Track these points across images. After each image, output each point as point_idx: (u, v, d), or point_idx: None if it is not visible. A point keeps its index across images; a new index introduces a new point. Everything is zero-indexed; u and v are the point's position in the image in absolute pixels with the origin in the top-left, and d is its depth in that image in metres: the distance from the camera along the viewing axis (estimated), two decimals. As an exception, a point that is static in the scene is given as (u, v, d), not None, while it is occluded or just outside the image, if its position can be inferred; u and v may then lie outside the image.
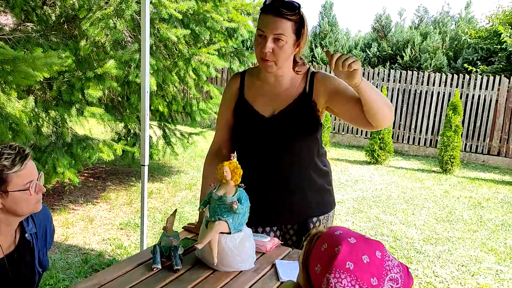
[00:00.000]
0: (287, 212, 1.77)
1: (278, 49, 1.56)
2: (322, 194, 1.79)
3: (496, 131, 8.13)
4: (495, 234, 4.48)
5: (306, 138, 1.71)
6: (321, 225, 1.80)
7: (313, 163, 1.75)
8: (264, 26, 1.56)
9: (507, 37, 8.33)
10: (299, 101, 1.68)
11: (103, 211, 4.52)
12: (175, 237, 1.57)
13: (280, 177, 1.72)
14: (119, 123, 5.23)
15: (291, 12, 1.54)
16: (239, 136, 1.79)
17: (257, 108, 1.72)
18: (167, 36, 3.80)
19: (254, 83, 1.76)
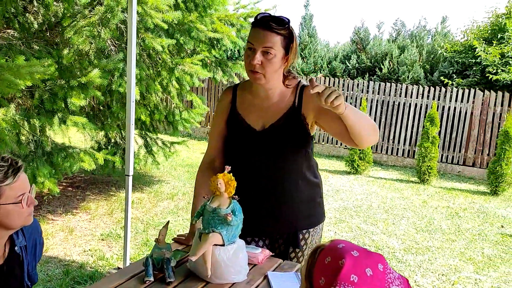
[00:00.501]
0: (278, 224, 1.78)
1: (267, 61, 1.59)
2: (312, 206, 1.81)
3: (471, 143, 8.35)
4: (473, 243, 4.58)
5: (296, 151, 1.74)
6: (310, 237, 1.82)
7: (304, 175, 1.77)
8: (253, 39, 1.60)
9: (481, 51, 8.59)
10: (289, 114, 1.70)
11: (83, 222, 4.44)
12: (168, 249, 1.56)
13: (271, 189, 1.74)
14: (100, 132, 5.17)
15: (281, 26, 1.58)
16: (231, 149, 1.80)
17: (248, 121, 1.74)
18: (152, 46, 3.80)
19: (245, 96, 1.79)
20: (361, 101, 8.70)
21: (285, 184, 1.74)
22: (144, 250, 3.82)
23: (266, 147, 1.71)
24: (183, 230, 4.32)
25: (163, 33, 4.16)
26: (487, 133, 8.18)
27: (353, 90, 9.32)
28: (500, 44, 8.68)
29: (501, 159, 6.72)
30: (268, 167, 1.72)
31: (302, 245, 1.80)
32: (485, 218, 5.54)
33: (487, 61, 8.44)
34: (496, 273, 3.86)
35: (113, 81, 3.78)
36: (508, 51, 8.36)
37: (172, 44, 4.21)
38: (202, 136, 10.70)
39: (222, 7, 5.16)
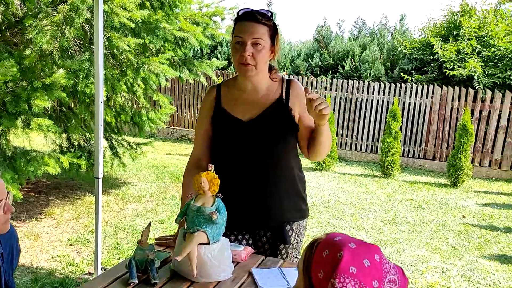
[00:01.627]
0: (262, 216, 1.79)
1: (257, 52, 1.63)
2: (297, 201, 1.83)
3: (431, 137, 8.64)
4: (437, 234, 4.75)
5: (284, 142, 1.76)
6: (294, 234, 1.83)
7: (290, 168, 1.80)
8: (242, 32, 1.63)
9: (438, 48, 8.89)
10: (277, 106, 1.73)
11: (49, 227, 4.29)
12: (151, 250, 1.53)
13: (259, 181, 1.75)
14: (63, 135, 5.01)
15: (266, 18, 1.64)
16: (218, 143, 1.80)
17: (234, 114, 1.75)
18: (118, 45, 3.71)
19: (231, 92, 1.79)
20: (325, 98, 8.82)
21: (272, 175, 1.75)
22: (114, 254, 3.74)
23: (253, 137, 1.72)
24: (153, 232, 4.26)
25: (129, 32, 4.08)
26: (446, 127, 8.49)
27: (317, 88, 9.46)
28: (456, 41, 9.02)
29: (459, 152, 6.99)
30: (256, 158, 1.73)
31: (287, 240, 1.81)
32: (447, 209, 5.75)
33: (444, 57, 8.76)
34: (461, 261, 4.02)
35: (78, 82, 3.67)
36: (464, 48, 8.70)
37: (140, 43, 4.13)
38: (166, 137, 10.57)
39: (187, 6, 5.11)
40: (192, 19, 5.10)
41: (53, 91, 3.25)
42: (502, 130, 8.08)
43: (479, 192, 6.90)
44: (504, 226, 5.16)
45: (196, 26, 5.07)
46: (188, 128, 10.46)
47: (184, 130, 10.48)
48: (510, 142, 8.05)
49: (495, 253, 4.28)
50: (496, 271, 3.83)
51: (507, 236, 4.78)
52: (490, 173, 8.18)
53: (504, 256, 4.21)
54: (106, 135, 5.28)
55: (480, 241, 4.58)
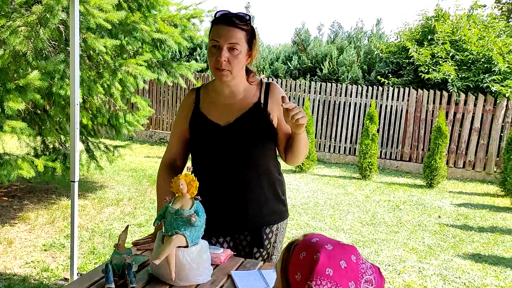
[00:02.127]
0: (241, 221, 1.77)
1: (233, 58, 1.60)
2: (276, 203, 1.82)
3: (407, 139, 8.79)
4: (414, 234, 4.82)
5: (262, 146, 1.75)
6: (274, 236, 1.83)
7: (269, 171, 1.79)
8: (218, 36, 1.59)
9: (413, 52, 9.06)
10: (255, 110, 1.72)
11: (23, 232, 4.19)
12: (128, 254, 1.51)
13: (237, 185, 1.74)
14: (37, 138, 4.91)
15: (243, 22, 1.60)
16: (196, 147, 1.79)
17: (212, 118, 1.73)
18: (94, 46, 3.66)
19: (209, 96, 1.78)
20: (304, 101, 8.90)
21: (250, 179, 1.74)
22: (91, 259, 3.67)
23: (231, 141, 1.70)
24: (131, 236, 4.20)
25: (105, 34, 4.03)
26: (422, 129, 8.65)
27: (296, 90, 9.51)
28: (430, 45, 9.20)
29: (435, 154, 7.13)
30: (233, 162, 1.72)
31: (266, 244, 1.81)
32: (423, 210, 5.85)
33: (419, 61, 8.92)
34: (437, 261, 4.09)
35: (53, 84, 3.60)
36: (438, 52, 8.88)
37: (115, 45, 4.08)
38: (145, 139, 10.47)
39: (165, 8, 5.08)
40: (170, 21, 5.06)
41: (27, 93, 3.18)
42: (475, 132, 8.28)
43: (453, 192, 7.05)
44: (478, 225, 5.28)
45: (174, 28, 5.04)
46: (167, 130, 10.38)
47: (163, 133, 10.40)
48: (483, 144, 8.25)
49: (469, 252, 4.38)
50: (471, 269, 3.92)
51: (481, 236, 4.89)
52: (464, 174, 8.37)
53: (478, 255, 4.31)
54: (83, 138, 5.20)
55: (455, 241, 4.68)
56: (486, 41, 8.79)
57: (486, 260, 4.18)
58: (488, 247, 4.55)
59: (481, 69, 8.59)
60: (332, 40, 11.32)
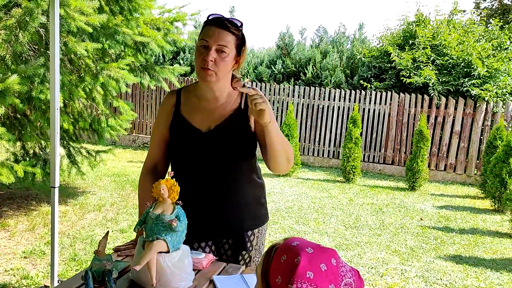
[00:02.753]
0: (222, 226, 1.77)
1: (220, 60, 1.60)
2: (257, 208, 1.83)
3: (390, 142, 8.88)
4: (397, 236, 4.87)
5: (242, 153, 1.74)
6: (256, 239, 1.83)
7: (249, 177, 1.79)
8: (208, 36, 1.59)
9: (395, 56, 9.18)
10: (235, 116, 1.71)
11: (2, 240, 4.11)
12: (108, 261, 1.49)
13: (216, 191, 1.73)
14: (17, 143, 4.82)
15: (235, 27, 1.62)
16: (176, 152, 1.77)
17: (193, 123, 1.72)
18: (75, 50, 3.62)
19: (190, 99, 1.76)
20: (288, 105, 8.94)
21: (231, 185, 1.74)
22: (72, 266, 3.62)
23: (211, 148, 1.69)
24: (113, 242, 4.15)
25: (86, 37, 3.99)
26: (404, 133, 8.75)
27: (280, 94, 9.54)
28: (411, 50, 9.34)
29: (417, 157, 7.22)
30: (214, 168, 1.71)
31: (249, 247, 1.81)
32: (406, 212, 5.91)
33: (401, 65, 9.04)
34: (419, 263, 4.13)
35: (33, 88, 3.55)
36: (419, 56, 9.02)
37: (97, 48, 4.04)
38: (128, 144, 10.38)
39: (148, 11, 5.05)
40: (153, 24, 5.04)
41: (6, 97, 3.12)
42: (456, 135, 8.41)
43: (435, 195, 7.14)
44: (459, 227, 5.36)
45: (157, 32, 5.02)
46: (150, 135, 10.30)
47: (146, 137, 10.32)
48: (464, 146, 8.39)
49: (451, 254, 4.43)
50: (452, 271, 3.97)
51: (462, 237, 4.96)
52: (446, 176, 8.49)
53: (460, 256, 4.37)
54: (64, 143, 5.13)
55: (436, 243, 4.73)
56: (466, 45, 8.96)
57: (466, 261, 4.24)
58: (468, 248, 4.62)
59: (461, 73, 8.74)
60: (317, 45, 11.39)
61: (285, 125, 7.89)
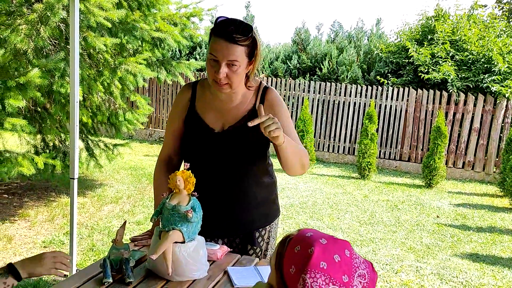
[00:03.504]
0: (233, 225, 1.79)
1: (232, 73, 1.55)
2: (267, 206, 1.83)
3: (407, 139, 8.80)
4: (412, 233, 4.84)
5: (254, 154, 1.74)
6: (267, 233, 1.85)
7: (260, 178, 1.78)
8: (216, 52, 1.53)
9: (413, 52, 9.07)
10: (249, 117, 1.65)
11: (23, 229, 4.21)
12: (126, 249, 1.53)
13: (227, 191, 1.73)
14: (37, 136, 4.93)
15: (244, 37, 1.52)
16: (188, 148, 1.79)
17: (207, 121, 1.71)
18: (95, 45, 3.68)
19: (205, 95, 1.75)
20: (303, 101, 8.92)
21: (242, 186, 1.74)
22: (90, 256, 3.69)
23: (224, 148, 1.69)
24: (130, 233, 4.22)
25: (105, 32, 4.04)
26: (421, 130, 8.66)
27: (295, 90, 9.53)
28: (430, 45, 9.22)
29: (434, 154, 7.14)
30: (225, 169, 1.72)
31: (260, 242, 1.83)
32: (422, 210, 5.87)
33: (419, 61, 8.94)
34: (435, 260, 4.10)
35: (53, 82, 3.62)
36: (438, 52, 8.90)
37: (115, 43, 4.10)
38: (144, 138, 10.49)
39: (165, 7, 5.09)
40: (170, 19, 5.08)
41: (27, 91, 3.19)
42: (475, 132, 8.30)
43: (452, 192, 7.06)
44: (476, 226, 5.30)
45: (174, 27, 5.06)
46: (166, 128, 10.38)
47: (162, 132, 10.41)
48: (483, 144, 8.26)
49: (467, 252, 4.39)
50: (468, 269, 3.93)
51: (479, 236, 4.91)
52: (463, 174, 8.38)
53: (476, 254, 4.33)
54: (82, 136, 5.22)
55: (453, 241, 4.69)
56: (486, 41, 8.80)
57: (484, 260, 4.20)
58: (486, 247, 4.57)
59: (481, 69, 8.60)
60: (332, 40, 11.32)
61: (300, 120, 7.88)
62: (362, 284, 0.91)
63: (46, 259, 1.38)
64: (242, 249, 1.84)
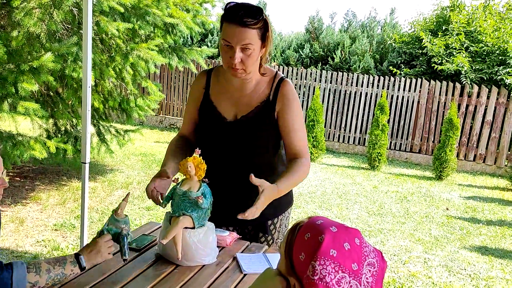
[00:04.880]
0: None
1: (247, 57, 1.55)
2: (281, 197, 1.83)
3: (418, 130, 8.73)
4: (421, 225, 4.82)
5: (266, 143, 1.74)
6: (279, 221, 1.86)
7: (273, 167, 1.78)
8: (229, 37, 1.53)
9: (427, 42, 8.95)
10: (262, 108, 1.68)
11: (34, 212, 4.27)
12: (126, 224, 1.48)
13: (240, 180, 1.70)
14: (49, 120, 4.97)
15: (256, 20, 1.52)
16: (201, 135, 1.80)
17: (220, 110, 1.72)
18: (107, 30, 3.68)
19: (219, 83, 1.75)
20: (314, 90, 8.87)
21: (255, 175, 1.71)
22: (100, 240, 3.73)
23: (236, 138, 1.70)
24: (140, 219, 4.27)
25: (118, 17, 4.04)
26: (433, 121, 8.58)
27: (306, 79, 9.47)
28: (444, 36, 9.08)
29: (445, 146, 7.08)
30: (238, 158, 1.72)
31: (272, 230, 1.83)
32: (431, 201, 5.84)
33: (433, 52, 8.82)
34: (443, 252, 4.09)
35: (66, 66, 3.64)
36: (452, 43, 8.77)
37: (127, 28, 4.09)
38: (155, 125, 10.53)
39: (178, -8, 5.06)
40: (182, 5, 5.05)
41: (40, 75, 3.21)
42: (487, 125, 8.20)
43: (463, 185, 7.02)
44: (486, 219, 5.27)
45: (186, 13, 5.03)
46: (177, 116, 10.41)
47: (173, 119, 10.44)
48: (495, 137, 8.17)
49: (476, 244, 4.37)
50: (477, 262, 3.92)
51: (488, 229, 4.88)
52: (475, 167, 8.31)
53: (485, 247, 4.31)
54: (94, 121, 5.24)
55: (462, 233, 4.67)
56: (502, 32, 8.65)
57: (492, 253, 4.18)
58: (495, 240, 4.55)
59: (495, 61, 8.46)
60: (345, 29, 11.21)
61: (311, 110, 7.84)
62: (371, 273, 0.91)
63: (102, 247, 1.41)
64: (254, 236, 1.84)
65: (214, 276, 1.48)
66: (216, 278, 1.47)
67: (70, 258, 1.35)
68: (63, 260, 1.33)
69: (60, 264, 1.31)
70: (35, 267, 1.26)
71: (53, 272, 1.28)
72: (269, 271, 1.01)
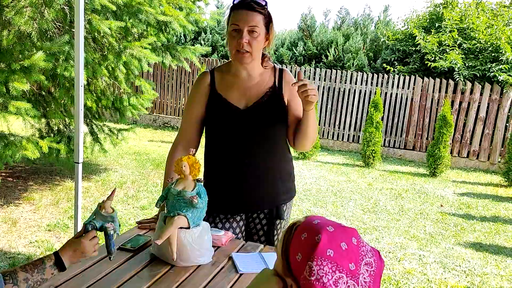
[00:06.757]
0: (258, 200, 1.83)
1: (253, 40, 1.68)
2: (289, 181, 1.91)
3: (412, 127, 8.76)
4: (415, 222, 4.84)
5: (278, 129, 1.81)
6: (287, 209, 1.89)
7: (284, 152, 1.86)
8: (238, 20, 1.67)
9: (420, 39, 8.97)
10: (271, 94, 1.78)
11: (27, 213, 4.24)
12: (112, 221, 1.37)
13: (253, 166, 1.79)
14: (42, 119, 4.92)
15: (261, 6, 1.69)
16: (213, 129, 1.82)
17: (231, 100, 1.77)
18: (99, 28, 3.64)
19: (225, 77, 1.82)
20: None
21: (269, 161, 1.81)
22: (94, 240, 3.71)
23: (250, 125, 1.76)
24: (134, 218, 4.24)
25: (110, 15, 4.00)
26: (426, 118, 8.61)
27: (301, 76, 9.45)
28: (438, 33, 9.11)
29: (439, 143, 7.11)
30: (253, 145, 1.77)
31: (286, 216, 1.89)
32: (426, 198, 5.86)
33: (426, 49, 8.84)
34: (438, 248, 4.11)
35: (57, 65, 3.60)
36: (445, 40, 8.80)
37: (119, 27, 4.06)
38: (148, 124, 10.48)
39: (170, -10, 5.03)
40: (175, 3, 5.02)
41: (31, 74, 3.18)
42: (480, 121, 8.24)
43: (457, 182, 7.04)
44: (480, 215, 5.29)
45: (180, 11, 5.00)
46: (171, 115, 10.38)
47: (167, 117, 10.40)
48: (488, 133, 8.21)
49: (470, 241, 4.39)
50: (472, 258, 3.93)
51: (482, 225, 4.90)
52: (468, 163, 8.35)
53: (480, 244, 4.32)
54: (87, 120, 5.21)
55: (456, 229, 4.69)
56: (495, 29, 8.69)
57: (487, 249, 4.19)
58: (489, 236, 4.57)
59: (488, 58, 8.50)
60: (338, 27, 11.21)
61: (305, 107, 7.83)
62: (368, 272, 0.91)
63: (87, 247, 1.33)
64: (267, 224, 1.84)
65: (209, 276, 1.47)
66: (211, 278, 1.46)
67: (49, 261, 1.27)
68: (41, 266, 1.25)
69: (38, 271, 1.23)
70: (11, 278, 1.18)
71: (31, 280, 1.21)
72: (266, 271, 1.00)
